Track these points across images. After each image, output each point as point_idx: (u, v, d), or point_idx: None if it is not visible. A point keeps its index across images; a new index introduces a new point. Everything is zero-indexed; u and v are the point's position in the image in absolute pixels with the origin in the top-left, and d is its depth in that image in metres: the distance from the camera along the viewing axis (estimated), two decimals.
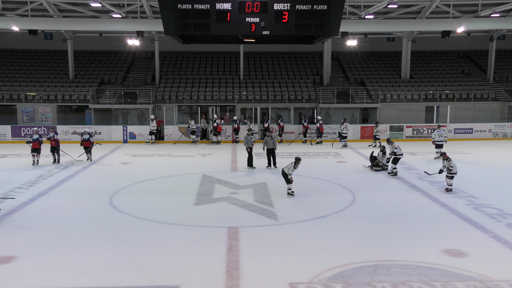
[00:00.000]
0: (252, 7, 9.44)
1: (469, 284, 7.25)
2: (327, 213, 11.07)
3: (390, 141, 15.85)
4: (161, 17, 9.68)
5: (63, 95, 25.89)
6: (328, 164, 17.75)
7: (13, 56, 30.05)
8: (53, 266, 8.01)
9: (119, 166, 17.48)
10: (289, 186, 12.67)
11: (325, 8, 9.49)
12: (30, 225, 10.20)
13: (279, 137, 23.06)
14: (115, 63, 30.01)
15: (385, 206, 11.75)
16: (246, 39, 11.09)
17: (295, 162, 12.46)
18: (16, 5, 22.00)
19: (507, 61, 30.86)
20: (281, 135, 23.42)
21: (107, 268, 7.94)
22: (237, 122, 23.58)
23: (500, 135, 24.49)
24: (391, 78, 28.84)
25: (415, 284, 7.25)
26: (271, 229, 10.03)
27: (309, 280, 7.40)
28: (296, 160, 12.50)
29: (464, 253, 8.53)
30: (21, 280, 7.46)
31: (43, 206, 11.74)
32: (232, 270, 7.81)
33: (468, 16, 21.84)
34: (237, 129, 23.48)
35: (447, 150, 19.97)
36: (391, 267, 7.89)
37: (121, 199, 12.41)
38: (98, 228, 10.09)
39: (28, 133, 23.40)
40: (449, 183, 12.90)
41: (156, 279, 7.46)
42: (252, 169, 16.42)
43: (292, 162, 12.60)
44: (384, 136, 24.09)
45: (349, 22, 21.60)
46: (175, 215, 11.02)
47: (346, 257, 8.38)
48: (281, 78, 28.58)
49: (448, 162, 12.91)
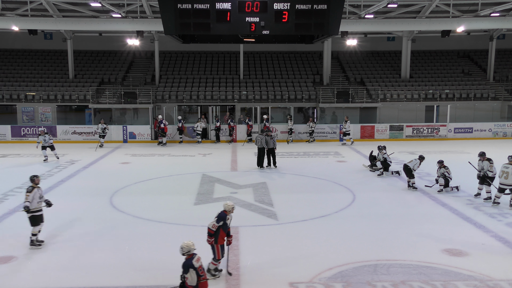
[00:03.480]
0: (252, 6, 9.43)
1: (470, 284, 7.25)
2: (327, 212, 11.07)
3: (381, 147, 15.55)
4: (161, 17, 9.67)
5: (63, 95, 25.89)
6: (328, 164, 17.74)
7: (13, 56, 30.04)
8: (53, 266, 8.01)
9: (119, 166, 17.47)
10: (413, 181, 13.33)
11: (325, 8, 9.47)
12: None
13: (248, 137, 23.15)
14: (115, 63, 30.01)
15: (385, 206, 11.76)
16: (246, 38, 11.08)
17: (419, 160, 13.33)
18: (16, 5, 22.00)
19: (507, 61, 30.85)
20: (250, 134, 23.34)
21: (107, 268, 7.94)
22: (247, 122, 23.52)
23: (500, 134, 24.49)
24: (391, 77, 28.83)
25: (416, 284, 7.25)
26: (271, 228, 10.03)
27: (309, 280, 7.40)
28: (420, 158, 13.39)
29: (464, 252, 8.53)
30: (21, 280, 7.46)
31: (43, 206, 11.72)
32: (232, 269, 7.81)
33: (468, 15, 21.83)
34: (248, 128, 23.45)
35: (447, 150, 20.04)
36: (391, 267, 7.89)
37: (121, 199, 12.41)
38: (98, 228, 10.10)
39: (28, 133, 23.45)
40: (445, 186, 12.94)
41: (156, 279, 7.46)
42: (261, 169, 16.40)
43: (416, 158, 13.42)
44: (383, 136, 24.15)
45: (349, 22, 21.59)
46: (175, 214, 11.03)
47: (346, 256, 8.38)
48: (281, 78, 28.57)
49: (446, 170, 12.89)
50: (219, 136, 23.54)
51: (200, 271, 5.83)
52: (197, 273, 5.79)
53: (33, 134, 23.39)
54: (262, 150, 16.48)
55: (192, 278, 5.78)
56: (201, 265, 5.92)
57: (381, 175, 15.19)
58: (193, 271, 5.78)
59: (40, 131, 18.26)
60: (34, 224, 8.75)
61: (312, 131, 23.47)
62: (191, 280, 5.78)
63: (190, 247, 5.98)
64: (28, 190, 8.74)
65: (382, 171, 15.25)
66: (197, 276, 5.78)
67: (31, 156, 19.13)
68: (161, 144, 22.54)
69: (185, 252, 5.96)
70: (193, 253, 5.98)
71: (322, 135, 24.10)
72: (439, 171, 13.01)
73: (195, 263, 5.84)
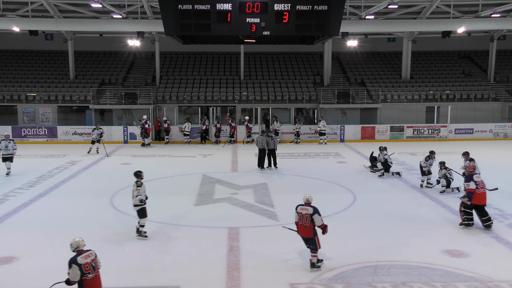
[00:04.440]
0: (252, 7, 9.43)
1: (470, 285, 7.24)
2: (328, 213, 11.03)
3: (381, 148, 15.51)
4: (162, 18, 9.68)
5: (64, 95, 25.90)
6: (328, 165, 17.73)
7: (14, 56, 30.08)
8: (53, 266, 7.98)
9: (119, 166, 17.47)
10: (422, 178, 13.68)
11: (325, 9, 9.47)
12: (30, 226, 10.22)
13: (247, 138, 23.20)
14: (115, 64, 30.02)
15: (386, 207, 11.74)
16: (247, 39, 11.10)
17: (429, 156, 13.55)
18: (17, 6, 22.01)
19: (508, 61, 30.83)
20: (249, 135, 23.37)
21: (108, 268, 7.90)
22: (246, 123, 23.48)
23: (500, 135, 24.46)
24: (391, 78, 28.83)
25: (416, 285, 7.24)
26: (272, 229, 10.02)
27: (309, 281, 7.39)
28: (430, 153, 13.64)
29: (465, 253, 8.52)
30: (21, 280, 7.45)
31: (44, 207, 11.75)
32: (232, 270, 7.81)
33: (469, 16, 21.81)
34: (247, 130, 23.44)
35: (448, 151, 20.01)
36: (392, 268, 7.88)
37: (121, 200, 12.39)
38: (98, 228, 10.09)
39: (29, 133, 23.46)
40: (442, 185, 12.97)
41: (157, 280, 7.46)
42: (262, 170, 16.39)
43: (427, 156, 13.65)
44: (384, 136, 24.12)
45: (349, 23, 21.58)
46: (176, 215, 11.02)
47: (346, 257, 8.37)
48: (282, 79, 28.57)
49: (447, 171, 12.90)
50: (205, 138, 23.38)
51: (85, 268, 5.90)
52: (81, 269, 5.86)
53: (33, 135, 23.41)
54: (263, 151, 16.49)
55: (73, 274, 5.86)
56: (89, 262, 5.96)
57: (382, 176, 15.18)
58: (76, 267, 5.86)
59: (5, 136, 15.82)
60: (143, 216, 9.37)
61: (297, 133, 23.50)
62: (72, 275, 5.87)
63: (79, 243, 6.07)
64: (138, 185, 9.33)
65: (383, 172, 15.24)
66: (80, 272, 5.85)
67: (32, 157, 19.13)
68: (145, 145, 22.23)
69: (74, 248, 6.07)
70: (82, 249, 6.06)
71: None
72: (441, 172, 13.02)
73: (81, 260, 5.91)
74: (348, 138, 23.99)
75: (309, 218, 7.77)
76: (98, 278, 6.10)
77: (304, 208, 7.90)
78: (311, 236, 7.82)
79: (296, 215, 7.95)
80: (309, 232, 7.82)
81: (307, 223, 7.79)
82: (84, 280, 5.89)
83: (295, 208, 8.01)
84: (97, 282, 6.08)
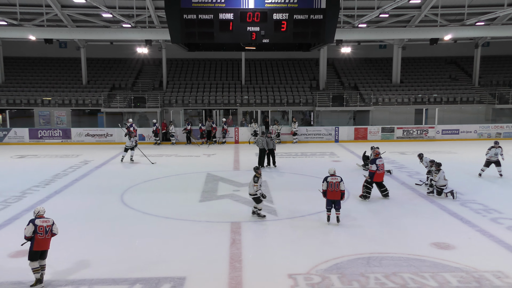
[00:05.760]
0: (253, 17, 9.44)
1: (456, 275, 7.26)
2: (323, 209, 11.03)
3: (373, 148, 15.33)
4: (168, 27, 9.68)
5: (77, 99, 25.93)
6: (324, 163, 17.69)
7: (30, 63, 30.10)
8: (66, 259, 8.02)
9: (129, 165, 17.49)
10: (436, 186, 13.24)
11: (321, 18, 9.47)
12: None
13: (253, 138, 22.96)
14: (125, 70, 30.05)
15: (378, 202, 11.75)
16: (247, 46, 11.10)
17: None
18: (33, 16, 22.09)
19: (491, 67, 30.81)
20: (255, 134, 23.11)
21: (119, 260, 7.96)
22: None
23: (484, 136, 24.46)
24: (382, 82, 28.83)
25: (406, 275, 7.25)
26: (271, 224, 10.04)
27: (306, 271, 7.41)
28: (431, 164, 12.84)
29: (452, 246, 8.53)
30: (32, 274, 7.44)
31: (59, 203, 11.77)
32: (235, 262, 7.83)
33: (455, 24, 21.82)
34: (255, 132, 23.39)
35: (436, 150, 20.02)
36: (383, 259, 7.89)
37: (131, 196, 12.43)
38: (110, 223, 10.12)
39: (45, 135, 23.48)
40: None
41: (164, 271, 7.48)
42: (262, 168, 16.32)
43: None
44: (376, 137, 24.13)
45: (343, 31, 21.60)
46: (182, 211, 11.04)
47: (341, 249, 8.39)
48: (280, 83, 28.59)
49: (436, 174, 12.04)
50: (190, 138, 23.19)
51: (40, 229, 6.83)
52: (35, 229, 6.81)
53: (49, 136, 23.44)
54: (263, 151, 16.49)
55: (28, 230, 6.83)
56: (43, 226, 6.86)
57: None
58: (32, 225, 6.83)
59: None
60: (259, 202, 10.13)
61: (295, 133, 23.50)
62: (26, 231, 6.83)
63: (39, 210, 7.10)
64: (255, 181, 9.92)
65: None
66: (34, 230, 6.80)
67: (48, 157, 19.17)
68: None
69: (35, 213, 7.06)
70: (42, 215, 7.03)
71: (318, 136, 24.10)
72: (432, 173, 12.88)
73: (38, 222, 6.88)
74: (342, 139, 24.01)
75: (338, 185, 9.58)
76: (48, 241, 7.00)
77: (334, 178, 9.68)
78: (338, 198, 9.64)
79: (325, 184, 9.67)
80: (337, 195, 9.63)
81: (337, 189, 9.58)
82: (35, 238, 6.82)
83: (323, 180, 9.72)
84: (46, 243, 6.97)
